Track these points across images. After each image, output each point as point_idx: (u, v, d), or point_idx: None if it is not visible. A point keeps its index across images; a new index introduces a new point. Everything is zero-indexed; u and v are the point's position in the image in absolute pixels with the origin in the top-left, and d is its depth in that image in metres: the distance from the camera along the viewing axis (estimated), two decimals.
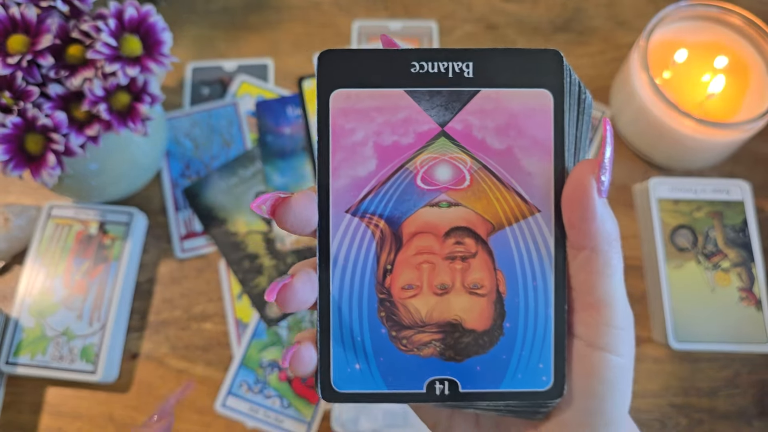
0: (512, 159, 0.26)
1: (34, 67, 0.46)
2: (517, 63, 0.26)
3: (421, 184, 0.27)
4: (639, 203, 0.61)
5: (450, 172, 0.27)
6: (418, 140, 0.27)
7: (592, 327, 0.25)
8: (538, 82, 0.26)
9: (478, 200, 0.27)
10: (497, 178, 0.27)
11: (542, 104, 0.26)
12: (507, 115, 0.26)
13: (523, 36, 0.69)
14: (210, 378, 0.56)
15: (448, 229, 0.27)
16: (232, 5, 0.71)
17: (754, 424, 0.54)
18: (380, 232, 0.27)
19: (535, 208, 0.26)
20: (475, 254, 0.27)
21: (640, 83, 0.58)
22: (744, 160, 0.63)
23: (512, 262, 0.27)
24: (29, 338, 0.54)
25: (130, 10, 0.48)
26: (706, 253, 0.56)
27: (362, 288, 0.27)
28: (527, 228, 0.26)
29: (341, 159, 0.27)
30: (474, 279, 0.27)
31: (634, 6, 0.71)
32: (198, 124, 0.64)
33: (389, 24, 0.70)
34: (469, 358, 0.27)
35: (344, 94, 0.27)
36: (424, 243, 0.27)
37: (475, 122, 0.27)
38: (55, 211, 0.58)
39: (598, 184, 0.24)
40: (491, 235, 0.27)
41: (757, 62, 0.59)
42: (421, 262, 0.27)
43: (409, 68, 0.26)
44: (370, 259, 0.27)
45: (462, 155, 0.27)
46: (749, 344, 0.53)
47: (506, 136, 0.26)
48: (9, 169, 0.46)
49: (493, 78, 0.26)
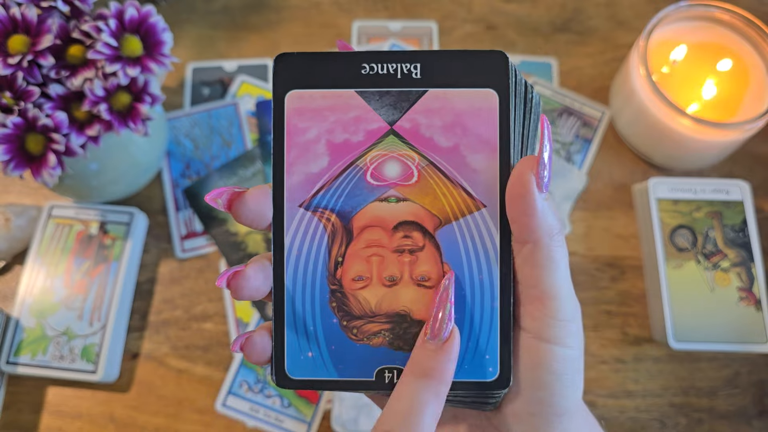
0: (459, 156, 0.27)
1: (34, 67, 0.46)
2: (464, 64, 0.27)
3: (371, 180, 0.28)
4: (638, 203, 0.61)
5: (398, 169, 0.28)
6: (368, 138, 0.28)
7: (538, 320, 0.26)
8: (484, 82, 0.27)
9: (425, 195, 0.28)
10: (444, 174, 0.28)
11: (488, 103, 0.27)
12: (454, 114, 0.27)
13: (522, 36, 0.69)
14: (210, 378, 0.56)
15: (397, 223, 0.28)
16: (233, 5, 0.71)
17: (754, 423, 0.55)
18: (332, 226, 0.28)
19: (481, 204, 0.27)
20: (423, 248, 0.28)
21: (640, 83, 0.58)
22: (743, 161, 0.63)
23: (459, 256, 0.27)
24: (30, 338, 0.54)
25: (130, 10, 0.48)
26: (706, 253, 0.56)
27: (315, 279, 0.28)
28: (473, 223, 0.27)
29: (295, 156, 0.28)
30: (421, 271, 0.28)
31: (633, 6, 0.71)
32: (198, 124, 0.64)
33: (389, 24, 0.70)
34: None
35: (298, 94, 0.28)
36: (374, 236, 0.28)
37: (423, 121, 0.28)
38: (55, 211, 0.58)
39: (538, 180, 0.25)
40: (438, 230, 0.28)
41: (757, 62, 0.59)
42: (371, 255, 0.28)
43: (359, 70, 0.28)
44: (322, 252, 0.28)
45: (410, 152, 0.28)
46: (749, 344, 0.53)
47: (453, 134, 0.27)
48: (10, 169, 0.46)
49: (440, 78, 0.27)
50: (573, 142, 0.64)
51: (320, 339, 0.28)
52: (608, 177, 0.63)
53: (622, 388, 0.56)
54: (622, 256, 0.60)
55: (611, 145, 0.65)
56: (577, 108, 0.66)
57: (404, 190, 0.28)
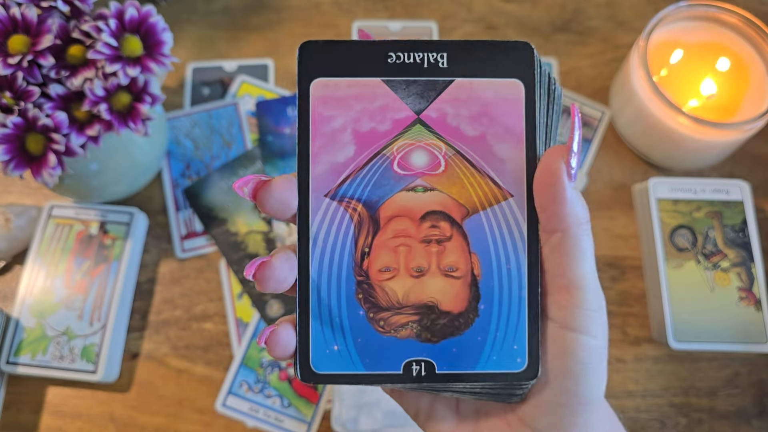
0: (485, 146, 0.27)
1: (34, 67, 0.46)
2: (490, 54, 0.27)
3: (398, 170, 0.28)
4: (638, 203, 0.61)
5: (425, 158, 0.28)
6: (395, 127, 0.28)
7: (565, 309, 0.26)
8: (510, 72, 0.27)
9: (452, 185, 0.27)
10: (471, 164, 0.27)
11: (514, 93, 0.27)
12: (480, 103, 0.27)
13: (522, 36, 0.69)
14: (210, 378, 0.56)
15: (424, 213, 0.27)
16: (233, 6, 0.71)
17: (754, 423, 0.55)
18: (358, 216, 0.27)
19: (508, 193, 0.27)
20: (450, 237, 0.28)
21: (640, 83, 0.58)
22: (743, 161, 0.63)
23: (486, 246, 0.27)
24: (30, 338, 0.54)
25: (130, 10, 0.48)
26: (706, 253, 0.56)
27: (341, 270, 0.27)
28: (500, 212, 0.27)
29: (321, 145, 0.28)
30: (449, 262, 0.27)
31: (633, 6, 0.71)
32: (198, 125, 0.64)
33: (389, 24, 0.70)
34: (444, 339, 0.27)
35: (324, 83, 0.28)
36: (401, 226, 0.27)
37: (450, 110, 0.27)
38: (55, 211, 0.58)
39: (567, 168, 0.25)
40: (466, 219, 0.27)
41: (757, 62, 0.59)
42: (398, 245, 0.28)
43: (386, 58, 0.28)
44: (349, 242, 0.28)
45: (437, 142, 0.27)
46: (749, 344, 0.53)
47: (479, 123, 0.27)
48: (10, 169, 0.46)
49: (466, 68, 0.27)
50: None
51: (346, 332, 0.27)
52: (608, 177, 0.63)
53: (622, 388, 0.56)
54: (622, 256, 0.60)
55: (611, 145, 0.65)
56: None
57: (431, 179, 0.28)
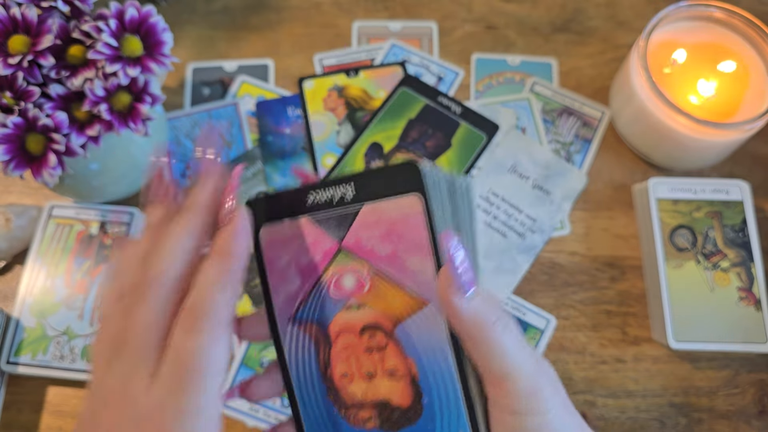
0: (399, 261, 0.31)
1: (35, 68, 0.46)
2: (386, 177, 0.31)
3: (334, 293, 0.32)
4: (638, 203, 0.61)
5: (353, 280, 0.32)
6: (325, 257, 0.32)
7: (502, 397, 0.28)
8: (406, 189, 0.30)
9: (379, 300, 0.31)
10: (389, 279, 0.31)
11: (414, 208, 0.30)
12: (388, 223, 0.31)
13: (522, 36, 0.69)
14: None
15: (361, 327, 0.32)
16: (233, 6, 0.71)
17: (753, 423, 0.55)
18: (315, 335, 0.33)
19: (425, 301, 0.30)
20: (386, 345, 0.32)
21: (640, 83, 0.58)
22: (743, 161, 0.64)
23: (417, 349, 0.31)
24: (30, 338, 0.54)
25: (130, 10, 0.48)
26: (706, 253, 0.56)
27: (312, 379, 0.33)
28: (423, 318, 0.30)
29: (276, 280, 0.33)
30: (389, 366, 0.32)
31: (633, 6, 0.71)
32: (199, 125, 0.64)
33: (389, 24, 0.70)
34: (402, 428, 0.31)
35: (268, 229, 0.33)
36: (347, 341, 0.32)
37: (364, 234, 0.31)
38: (56, 211, 0.58)
39: (456, 287, 0.28)
40: (396, 328, 0.31)
41: (757, 62, 0.60)
42: (348, 356, 0.32)
43: (306, 200, 0.32)
44: (313, 357, 0.33)
45: (359, 264, 0.31)
46: (748, 344, 0.53)
47: (390, 241, 0.31)
48: (10, 169, 0.46)
49: (369, 194, 0.31)
50: (573, 142, 0.64)
51: (328, 425, 0.33)
52: (608, 177, 0.63)
53: (622, 388, 0.56)
54: (621, 256, 0.60)
55: (611, 145, 0.65)
56: (576, 108, 0.66)
57: (362, 297, 0.32)
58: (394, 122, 0.64)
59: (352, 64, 0.68)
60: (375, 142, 0.63)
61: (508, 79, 0.68)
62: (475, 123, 0.64)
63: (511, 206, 0.61)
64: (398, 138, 0.63)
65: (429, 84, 0.66)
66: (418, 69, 0.67)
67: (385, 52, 0.68)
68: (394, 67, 0.67)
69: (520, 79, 0.67)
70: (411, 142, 0.63)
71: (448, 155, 0.62)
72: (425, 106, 0.64)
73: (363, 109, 0.65)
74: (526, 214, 0.61)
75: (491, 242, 0.60)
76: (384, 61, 0.68)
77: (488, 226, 0.60)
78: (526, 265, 0.59)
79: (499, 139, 0.64)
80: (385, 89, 0.66)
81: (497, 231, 0.60)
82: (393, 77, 0.66)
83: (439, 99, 0.65)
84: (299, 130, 0.64)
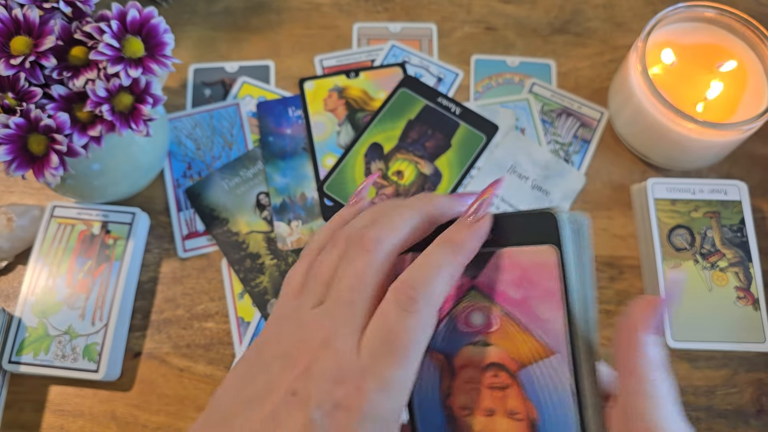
0: (529, 307, 0.31)
1: (37, 68, 0.47)
2: (522, 225, 0.31)
3: (463, 327, 0.33)
4: (637, 203, 0.61)
5: (482, 318, 0.32)
6: (458, 291, 0.33)
7: None
8: (542, 239, 0.30)
9: (506, 341, 0.32)
10: (518, 323, 0.31)
11: (548, 258, 0.30)
12: (521, 269, 0.31)
13: (521, 37, 0.70)
14: (212, 376, 0.56)
15: (486, 364, 0.32)
16: (234, 7, 0.71)
17: (752, 422, 0.55)
18: (440, 364, 0.33)
19: (551, 351, 0.30)
20: (509, 386, 0.32)
21: (638, 84, 0.58)
22: (741, 161, 0.64)
23: (538, 395, 0.31)
24: (32, 337, 0.54)
25: (132, 11, 0.49)
26: (704, 253, 0.56)
27: (433, 405, 0.33)
28: (548, 366, 0.30)
29: None
30: (511, 406, 0.31)
31: (631, 8, 0.72)
32: (200, 125, 0.65)
33: (389, 26, 0.70)
34: None
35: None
36: (470, 374, 0.33)
37: (496, 276, 0.32)
38: (57, 210, 0.58)
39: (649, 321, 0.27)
40: (519, 371, 0.31)
41: (755, 63, 0.60)
42: (470, 389, 0.33)
43: None
44: (437, 384, 0.33)
45: (490, 304, 0.32)
46: (747, 343, 0.54)
47: (521, 287, 0.31)
48: (12, 170, 0.46)
49: (506, 239, 0.31)
50: (571, 143, 0.65)
51: None
52: (606, 177, 0.64)
53: None
54: (620, 255, 0.60)
55: (609, 145, 0.65)
56: (575, 109, 0.66)
57: (489, 336, 0.32)
58: (394, 123, 0.64)
59: (352, 65, 0.68)
60: (375, 143, 0.63)
61: (507, 80, 0.68)
62: (474, 123, 0.64)
63: (511, 206, 0.61)
64: (398, 138, 0.63)
65: (429, 85, 0.66)
66: (418, 70, 0.68)
67: (385, 53, 0.69)
68: (394, 68, 0.67)
69: (519, 80, 0.68)
70: (411, 143, 0.63)
71: (448, 156, 0.63)
72: (425, 107, 0.65)
73: (363, 110, 0.65)
74: None
75: None
76: (384, 63, 0.68)
77: None
78: None
79: (498, 140, 0.64)
80: (385, 90, 0.66)
81: None
82: (393, 78, 0.67)
83: (438, 100, 0.65)
84: (300, 130, 0.65)
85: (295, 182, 0.62)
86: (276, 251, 0.60)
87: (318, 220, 0.61)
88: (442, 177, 0.62)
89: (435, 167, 0.62)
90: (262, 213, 0.61)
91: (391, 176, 0.62)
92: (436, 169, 0.62)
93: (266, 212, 0.61)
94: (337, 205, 0.61)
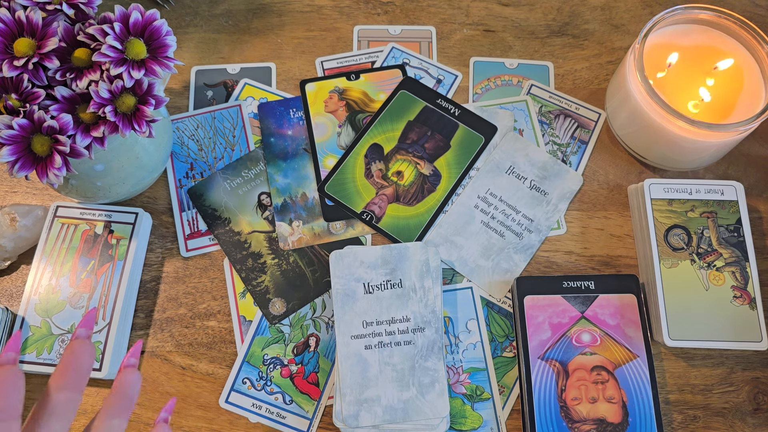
0: (621, 329, 0.54)
1: (40, 70, 0.47)
2: (617, 282, 0.56)
3: (576, 343, 0.54)
4: (634, 204, 0.61)
5: (590, 337, 0.54)
6: (570, 320, 0.55)
7: None
8: (628, 291, 0.56)
9: (606, 351, 0.54)
10: (614, 339, 0.54)
11: (632, 302, 0.55)
12: (615, 306, 0.55)
13: (519, 40, 0.70)
14: (214, 374, 0.57)
15: (592, 366, 0.53)
16: (236, 9, 0.72)
17: (748, 420, 0.55)
18: (556, 369, 0.53)
19: (635, 355, 0.54)
20: (608, 380, 0.53)
21: (635, 86, 0.58)
22: (738, 161, 0.64)
23: (628, 384, 0.53)
24: (35, 336, 0.55)
25: (135, 14, 0.49)
26: (700, 253, 0.57)
27: (550, 399, 0.52)
28: (633, 366, 0.53)
29: (532, 331, 0.55)
30: (609, 394, 0.52)
31: (629, 10, 0.72)
32: (202, 126, 0.65)
33: (389, 28, 0.71)
34: None
35: (531, 298, 0.56)
36: (580, 375, 0.53)
37: (599, 310, 0.55)
38: (61, 211, 0.59)
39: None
40: (615, 370, 0.53)
41: (751, 64, 0.60)
42: (580, 385, 0.53)
43: (562, 285, 0.56)
44: (553, 384, 0.53)
45: (594, 328, 0.55)
46: (743, 342, 0.54)
47: (615, 317, 0.55)
48: (16, 170, 0.47)
49: (604, 288, 0.56)
50: (569, 144, 0.65)
51: None
52: (604, 178, 0.64)
53: None
54: (617, 255, 0.61)
55: (607, 146, 0.65)
56: (573, 110, 0.67)
57: (594, 348, 0.54)
58: (393, 124, 0.65)
59: (352, 67, 0.69)
60: (375, 144, 0.64)
61: (506, 81, 0.69)
62: (473, 125, 0.65)
63: (509, 206, 0.62)
64: (398, 139, 0.64)
65: (428, 86, 0.67)
66: (418, 72, 0.68)
67: (385, 55, 0.69)
68: (394, 70, 0.68)
69: (517, 82, 0.68)
70: (410, 144, 0.64)
71: (447, 156, 0.63)
72: (424, 108, 0.65)
73: (363, 111, 0.66)
74: (524, 214, 0.62)
75: (489, 242, 0.60)
76: (384, 65, 0.69)
77: (486, 226, 0.61)
78: (523, 264, 0.60)
79: (496, 141, 0.65)
80: (385, 92, 0.67)
81: (495, 231, 0.61)
82: (393, 80, 0.67)
83: (438, 101, 0.65)
84: (301, 131, 0.65)
85: (297, 183, 0.63)
86: (277, 251, 0.60)
87: (319, 219, 0.62)
88: (442, 177, 0.63)
89: (434, 168, 0.63)
90: (263, 213, 0.62)
91: (391, 177, 0.63)
92: (436, 170, 0.63)
93: (268, 212, 0.62)
94: (337, 205, 0.61)
